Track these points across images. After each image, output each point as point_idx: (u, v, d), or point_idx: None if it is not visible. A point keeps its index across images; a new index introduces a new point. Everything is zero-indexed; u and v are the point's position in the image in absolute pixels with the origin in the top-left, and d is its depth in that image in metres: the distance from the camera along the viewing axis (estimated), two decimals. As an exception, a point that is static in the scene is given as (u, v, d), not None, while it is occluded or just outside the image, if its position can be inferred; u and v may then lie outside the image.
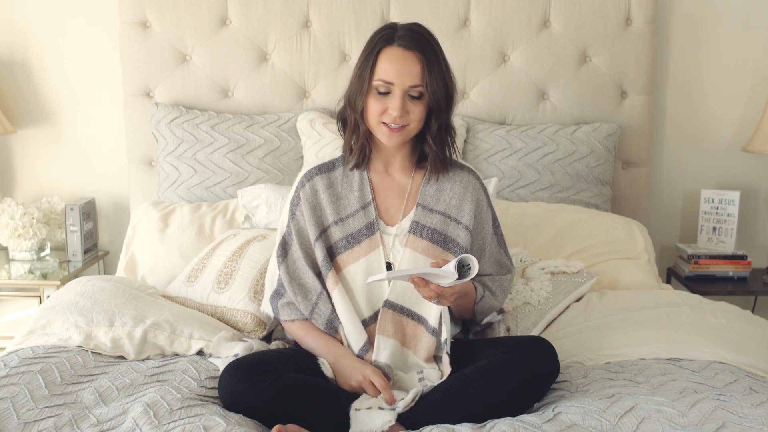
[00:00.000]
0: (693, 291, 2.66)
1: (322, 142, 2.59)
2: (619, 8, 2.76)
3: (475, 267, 1.58)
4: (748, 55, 2.94)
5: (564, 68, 2.78)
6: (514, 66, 2.79)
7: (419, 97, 1.73)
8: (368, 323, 1.77)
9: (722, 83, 2.96)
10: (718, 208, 2.89)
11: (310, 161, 2.61)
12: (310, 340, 1.80)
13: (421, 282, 1.62)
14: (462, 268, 1.59)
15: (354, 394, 1.66)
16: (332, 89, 2.79)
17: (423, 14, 2.72)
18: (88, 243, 2.89)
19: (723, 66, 2.95)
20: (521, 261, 2.29)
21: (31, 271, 2.76)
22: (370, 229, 1.80)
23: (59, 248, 2.97)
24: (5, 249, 2.92)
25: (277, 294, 1.86)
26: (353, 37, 2.76)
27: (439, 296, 1.64)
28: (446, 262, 1.62)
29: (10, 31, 2.91)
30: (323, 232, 1.81)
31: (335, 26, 2.76)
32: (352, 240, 1.79)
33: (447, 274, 1.57)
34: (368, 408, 1.58)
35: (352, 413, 1.57)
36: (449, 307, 1.78)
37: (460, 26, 2.77)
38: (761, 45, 2.93)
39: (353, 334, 1.75)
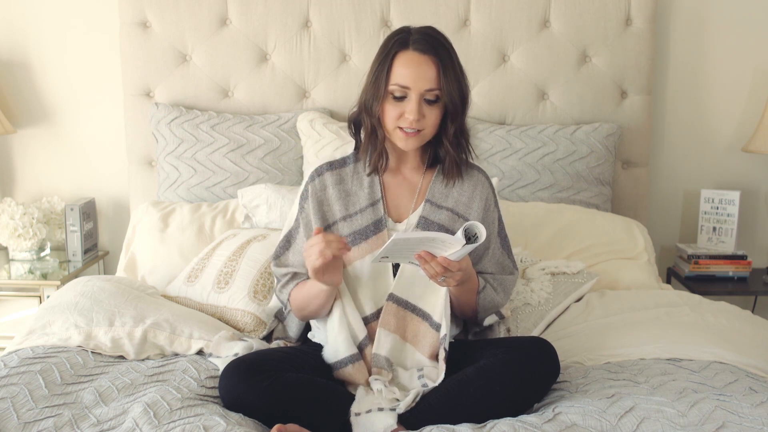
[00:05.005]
0: (693, 291, 2.66)
1: (322, 142, 2.59)
2: (619, 8, 2.76)
3: (482, 234, 1.56)
4: (748, 55, 2.94)
5: (564, 68, 2.78)
6: (514, 66, 2.79)
7: (435, 101, 1.73)
8: (370, 320, 1.77)
9: (722, 83, 2.96)
10: (718, 208, 2.89)
11: (311, 161, 2.61)
12: (305, 290, 1.78)
13: (427, 256, 1.61)
14: (469, 240, 1.58)
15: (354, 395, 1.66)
16: (332, 89, 2.79)
17: (423, 14, 2.72)
18: (88, 243, 2.89)
19: (723, 66, 2.95)
20: (521, 261, 2.29)
21: (31, 271, 2.76)
22: (377, 226, 1.80)
23: (59, 248, 2.97)
24: (5, 249, 2.92)
25: (278, 283, 1.88)
26: (353, 37, 2.76)
27: (445, 271, 1.62)
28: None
29: (10, 31, 2.91)
30: (328, 228, 1.81)
31: (335, 26, 2.76)
32: (359, 236, 1.79)
33: (455, 240, 1.57)
34: (368, 411, 1.58)
35: (353, 419, 1.57)
36: (451, 303, 1.78)
37: (460, 26, 2.77)
38: (761, 45, 2.93)
39: (350, 331, 1.75)
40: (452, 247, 1.58)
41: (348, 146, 1.92)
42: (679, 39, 2.93)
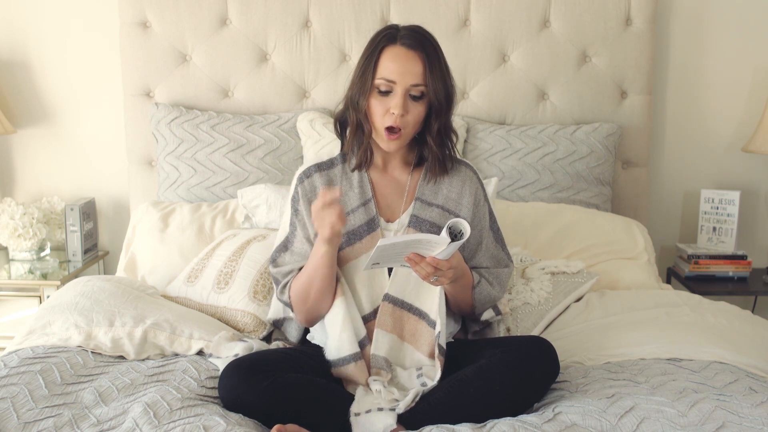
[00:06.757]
0: (693, 291, 2.66)
1: (322, 142, 2.59)
2: (619, 8, 2.76)
3: (466, 231, 1.58)
4: (748, 55, 2.94)
5: (564, 68, 2.78)
6: (514, 66, 2.79)
7: (420, 97, 1.74)
8: (368, 319, 1.77)
9: (722, 83, 2.96)
10: (718, 208, 2.89)
11: (310, 161, 2.61)
12: (305, 272, 1.77)
13: (416, 257, 1.61)
14: (455, 238, 1.59)
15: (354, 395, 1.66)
16: (332, 89, 2.78)
17: (423, 14, 2.72)
18: (88, 243, 2.89)
19: (723, 66, 2.95)
20: (521, 261, 2.29)
21: (31, 271, 2.76)
22: (370, 226, 1.80)
23: (59, 248, 2.97)
24: (5, 249, 2.92)
25: (277, 286, 1.87)
26: (353, 37, 2.76)
27: (436, 271, 1.62)
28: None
29: (10, 31, 2.91)
30: None
31: (335, 26, 2.76)
32: (353, 236, 1.79)
33: (440, 240, 1.57)
34: (367, 411, 1.58)
35: (353, 419, 1.57)
36: (447, 300, 1.78)
37: (460, 26, 2.77)
38: (761, 45, 2.93)
39: (353, 329, 1.75)
40: (439, 247, 1.59)
41: (335, 147, 1.92)
42: (679, 39, 2.93)
